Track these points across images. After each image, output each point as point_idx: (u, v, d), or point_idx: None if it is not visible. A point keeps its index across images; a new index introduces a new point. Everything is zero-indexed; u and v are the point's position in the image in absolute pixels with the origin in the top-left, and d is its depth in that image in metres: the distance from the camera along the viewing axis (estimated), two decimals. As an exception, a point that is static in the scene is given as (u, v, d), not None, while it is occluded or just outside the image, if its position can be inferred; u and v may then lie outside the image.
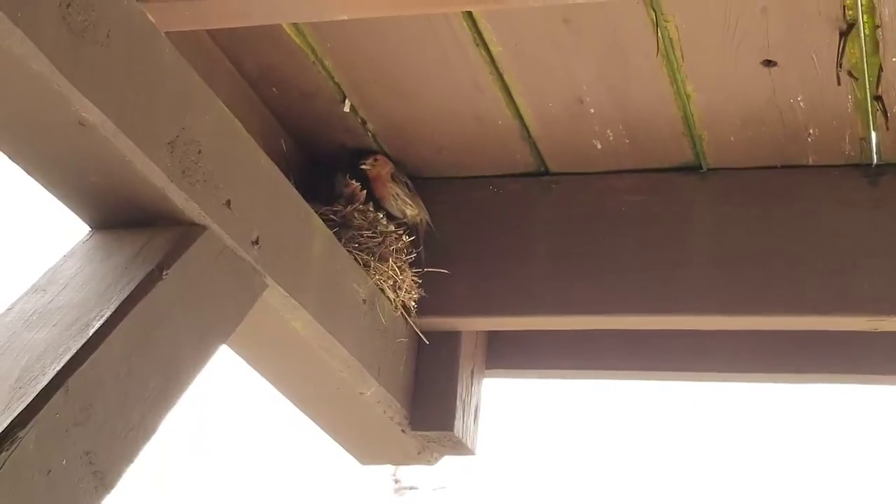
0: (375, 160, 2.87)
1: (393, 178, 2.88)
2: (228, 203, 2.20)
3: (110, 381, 1.92)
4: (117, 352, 1.94)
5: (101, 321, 1.94)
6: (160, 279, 2.04)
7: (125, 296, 1.99)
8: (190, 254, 2.11)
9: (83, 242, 2.15)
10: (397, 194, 2.87)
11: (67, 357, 1.87)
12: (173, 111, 2.07)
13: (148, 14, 2.03)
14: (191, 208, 2.11)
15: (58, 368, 1.85)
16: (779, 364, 3.05)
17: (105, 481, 1.91)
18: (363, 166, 2.85)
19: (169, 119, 2.05)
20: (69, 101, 1.85)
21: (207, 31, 2.52)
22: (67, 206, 2.14)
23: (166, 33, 2.08)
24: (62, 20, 1.81)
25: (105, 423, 1.90)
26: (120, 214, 2.11)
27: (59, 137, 1.95)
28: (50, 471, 1.80)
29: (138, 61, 1.98)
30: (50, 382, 1.83)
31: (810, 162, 2.78)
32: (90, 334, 1.91)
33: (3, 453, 1.72)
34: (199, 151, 2.12)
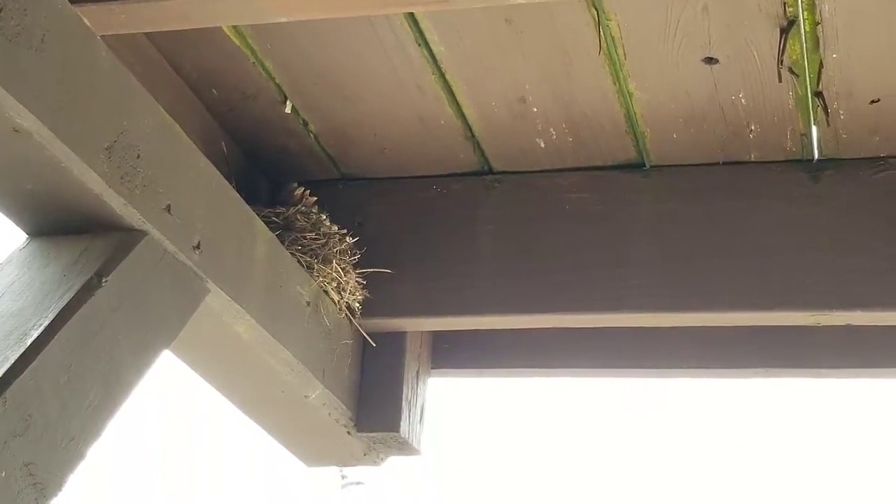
0: None
1: None
2: (169, 208, 2.17)
3: (50, 391, 1.89)
4: (56, 361, 1.91)
5: (40, 330, 1.91)
6: (99, 286, 2.02)
7: (64, 304, 1.96)
8: (129, 260, 2.08)
9: (20, 250, 2.11)
10: None
11: (5, 367, 1.84)
12: (111, 115, 2.03)
13: (83, 18, 2.00)
14: (130, 214, 2.08)
15: (-5, 379, 1.82)
16: (723, 359, 3.05)
17: (45, 492, 1.89)
18: None
19: (106, 124, 2.02)
20: (2, 107, 1.81)
21: (145, 33, 2.49)
22: (3, 212, 2.10)
23: (103, 37, 2.05)
24: (-6, 25, 1.78)
25: (45, 434, 1.88)
26: (58, 221, 2.08)
27: (-7, 144, 1.91)
28: (-12, 484, 1.77)
29: (74, 66, 1.95)
30: (-13, 394, 1.80)
31: (752, 158, 2.79)
32: (28, 343, 1.89)
33: (-60, 467, 1.69)
34: (138, 156, 2.09)
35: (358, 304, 2.85)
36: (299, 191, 2.81)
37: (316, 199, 2.83)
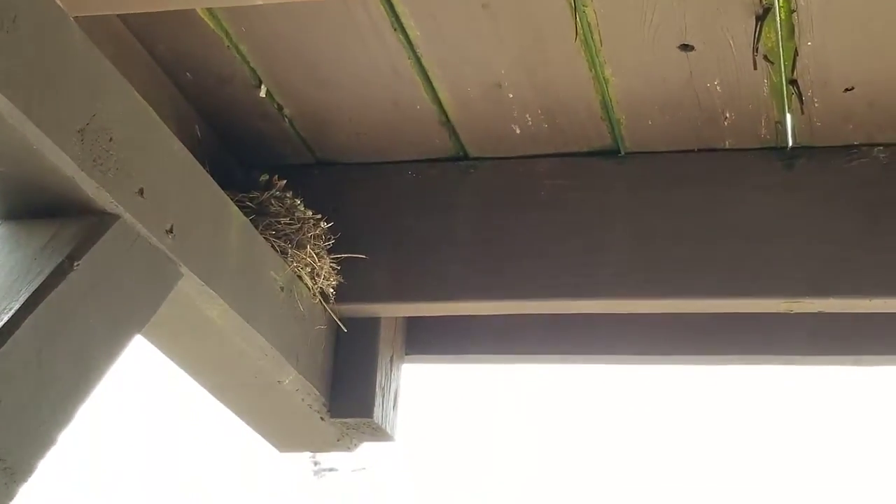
0: None
1: None
2: (141, 191, 2.16)
3: (20, 376, 1.88)
4: (27, 345, 1.89)
5: (10, 314, 1.90)
6: (71, 270, 2.00)
7: (34, 288, 1.95)
8: (101, 244, 2.06)
9: (-10, 233, 2.10)
10: None
11: (-25, 352, 1.83)
12: (84, 98, 2.02)
13: (56, -2, 1.98)
14: (102, 197, 2.07)
15: (-35, 364, 1.81)
16: (697, 346, 3.07)
17: (15, 477, 1.88)
18: None
19: (79, 106, 2.01)
20: (-27, 89, 1.80)
21: (119, 15, 2.47)
22: (-26, 195, 2.08)
23: (75, 18, 2.03)
24: (-35, 5, 1.76)
25: (14, 419, 1.87)
26: (29, 204, 2.07)
27: (-37, 126, 1.89)
28: (-43, 469, 1.76)
29: (46, 47, 1.93)
30: (-43, 378, 1.79)
31: (727, 145, 2.80)
32: (-2, 328, 1.87)
33: None
34: (111, 139, 2.08)
35: (332, 290, 2.85)
36: (264, 177, 2.80)
37: (285, 181, 2.81)
